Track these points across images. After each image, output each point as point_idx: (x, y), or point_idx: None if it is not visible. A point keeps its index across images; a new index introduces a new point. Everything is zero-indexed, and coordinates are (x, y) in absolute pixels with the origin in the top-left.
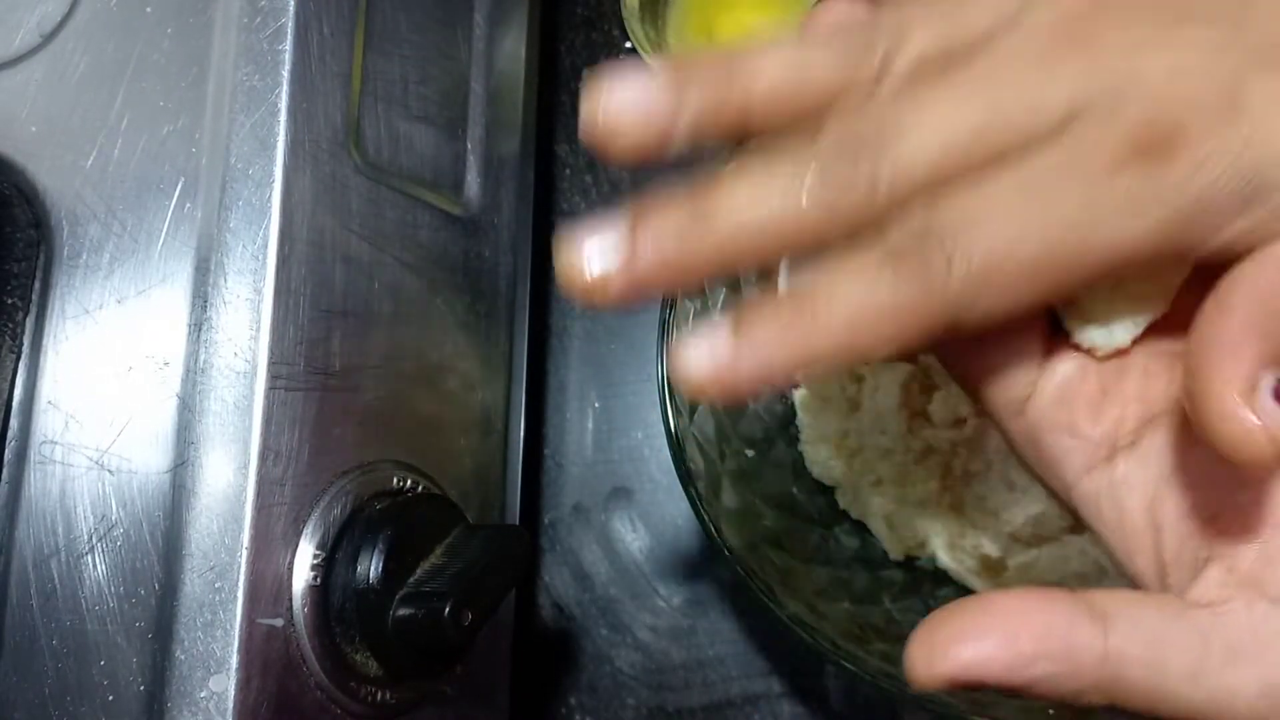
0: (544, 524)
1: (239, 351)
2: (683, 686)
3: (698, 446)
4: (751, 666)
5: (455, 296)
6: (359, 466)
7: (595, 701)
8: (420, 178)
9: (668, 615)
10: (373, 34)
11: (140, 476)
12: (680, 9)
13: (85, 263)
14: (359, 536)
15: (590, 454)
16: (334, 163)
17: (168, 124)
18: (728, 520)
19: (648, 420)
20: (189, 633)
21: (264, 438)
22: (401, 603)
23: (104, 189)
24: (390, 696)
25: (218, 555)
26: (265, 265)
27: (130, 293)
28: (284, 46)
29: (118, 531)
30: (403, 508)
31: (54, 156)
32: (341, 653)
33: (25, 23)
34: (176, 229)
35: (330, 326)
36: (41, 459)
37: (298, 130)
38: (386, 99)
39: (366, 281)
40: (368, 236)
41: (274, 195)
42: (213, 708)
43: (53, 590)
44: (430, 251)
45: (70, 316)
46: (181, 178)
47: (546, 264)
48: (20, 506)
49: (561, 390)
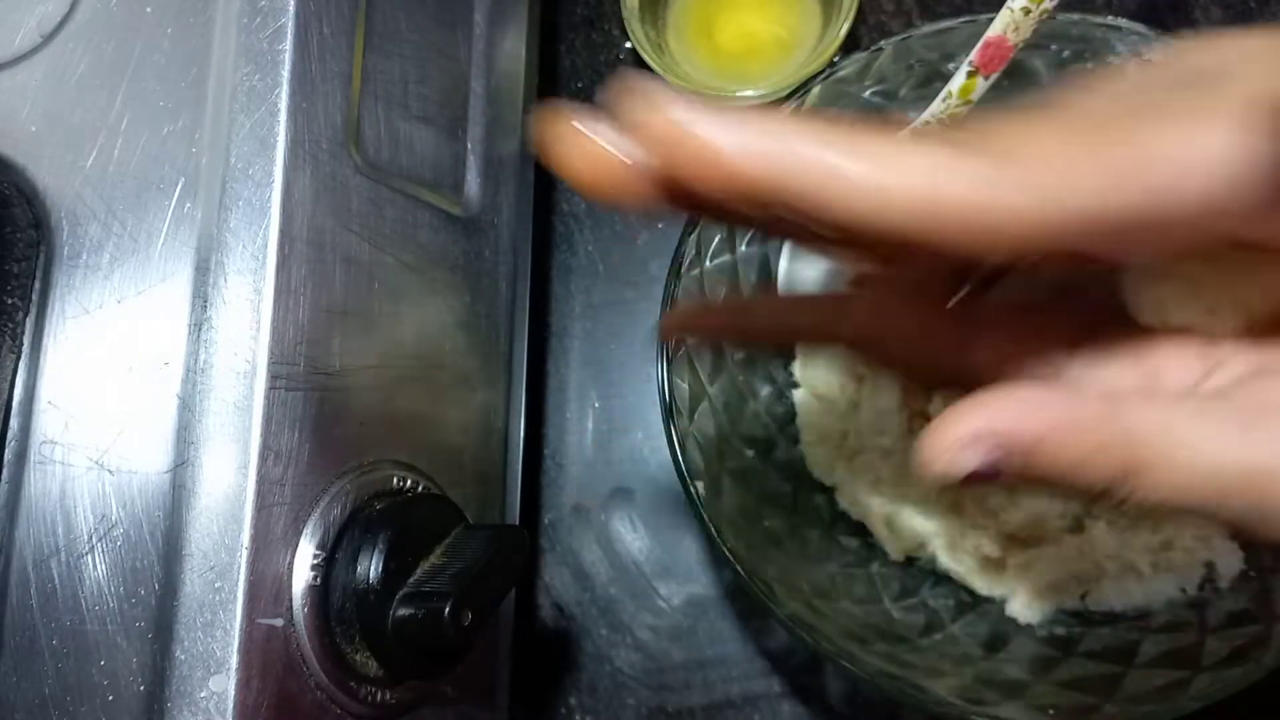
0: (544, 524)
1: (239, 351)
2: (683, 686)
3: (698, 446)
4: (751, 666)
5: (455, 296)
6: (359, 466)
7: (595, 701)
8: (420, 178)
9: (668, 615)
10: (373, 34)
11: (140, 476)
12: (680, 9)
13: (85, 263)
14: (359, 536)
15: (590, 454)
16: (334, 163)
17: (168, 124)
18: (728, 520)
19: (648, 420)
20: (189, 633)
21: (264, 438)
22: (401, 603)
23: (104, 189)
24: (390, 696)
25: (218, 555)
26: (265, 265)
27: (130, 293)
28: (284, 46)
29: (118, 531)
30: (403, 508)
31: (54, 156)
32: (341, 653)
33: (25, 23)
34: (176, 229)
35: (330, 326)
36: (41, 459)
37: (298, 130)
38: (386, 99)
39: (366, 281)
40: (368, 236)
41: (274, 195)
42: (213, 708)
43: (53, 590)
44: (430, 251)
45: (70, 316)
46: (181, 178)
47: (547, 264)
48: (20, 506)
49: (561, 390)
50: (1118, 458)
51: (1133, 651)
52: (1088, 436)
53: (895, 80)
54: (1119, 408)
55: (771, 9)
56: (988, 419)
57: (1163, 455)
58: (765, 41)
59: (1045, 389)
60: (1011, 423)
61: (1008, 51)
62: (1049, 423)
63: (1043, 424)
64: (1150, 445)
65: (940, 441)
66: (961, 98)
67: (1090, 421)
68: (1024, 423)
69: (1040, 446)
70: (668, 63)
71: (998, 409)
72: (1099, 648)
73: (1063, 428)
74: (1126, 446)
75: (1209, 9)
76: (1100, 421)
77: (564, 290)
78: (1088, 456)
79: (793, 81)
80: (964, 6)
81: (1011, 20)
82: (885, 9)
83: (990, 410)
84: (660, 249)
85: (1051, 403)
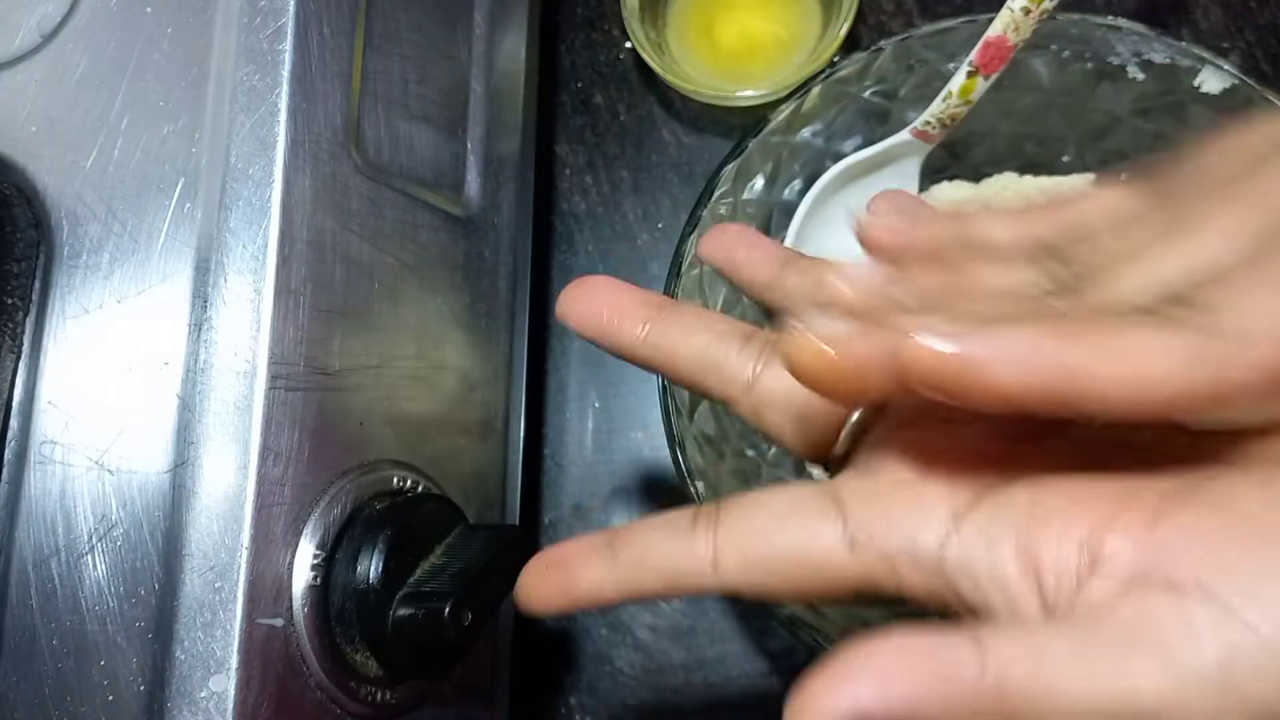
0: (544, 524)
1: (239, 351)
2: (683, 686)
3: (698, 446)
4: (751, 666)
5: (455, 296)
6: (359, 466)
7: (595, 701)
8: (420, 178)
9: (668, 615)
10: (373, 34)
11: (140, 476)
12: (680, 9)
13: (85, 263)
14: (359, 536)
15: (590, 454)
16: (334, 163)
17: (168, 124)
18: None
19: (648, 420)
20: (189, 633)
21: (264, 438)
22: (401, 603)
23: (104, 189)
24: (390, 696)
25: (218, 555)
26: (265, 265)
27: (130, 293)
28: (284, 46)
29: (118, 531)
30: (403, 508)
31: (54, 156)
32: (341, 653)
33: (25, 23)
34: (176, 229)
35: (330, 326)
36: (41, 459)
37: (298, 130)
38: (386, 99)
39: (366, 281)
40: (368, 236)
41: (274, 195)
42: (213, 708)
43: (53, 590)
44: (430, 251)
45: (70, 316)
46: (181, 178)
47: (547, 264)
48: (20, 506)
49: (561, 390)
50: (996, 714)
51: None
52: (960, 701)
53: (895, 80)
54: (987, 656)
55: (771, 9)
56: (851, 697)
57: (1040, 704)
58: (765, 41)
59: (906, 643)
60: (876, 698)
61: (1008, 51)
62: (917, 693)
63: (910, 695)
64: (1026, 696)
65: (804, 713)
66: (961, 98)
67: (960, 683)
68: (890, 697)
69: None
70: (668, 63)
71: (859, 681)
72: None
73: (932, 695)
74: (1001, 702)
75: (1209, 9)
76: (970, 681)
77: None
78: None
79: (793, 81)
80: (964, 6)
81: (1011, 20)
82: (885, 9)
83: (853, 683)
84: (660, 249)
85: (917, 665)
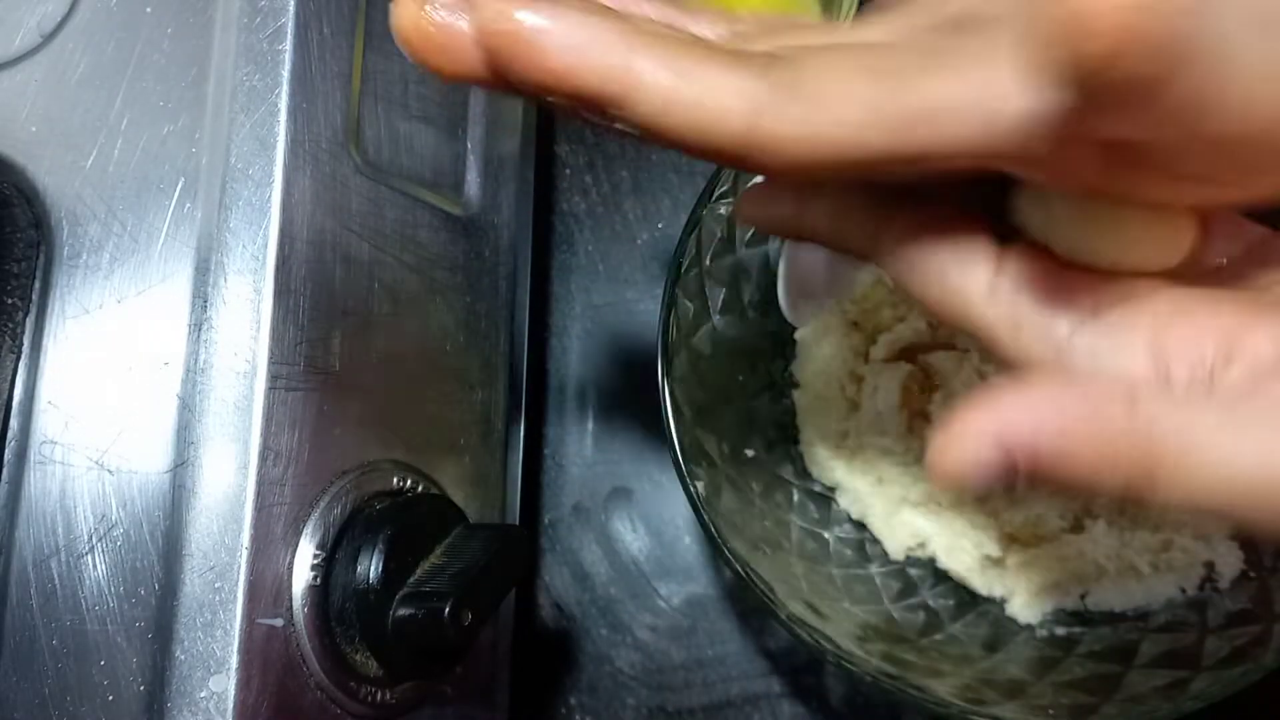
0: (544, 524)
1: (239, 351)
2: (683, 686)
3: (698, 447)
4: (751, 666)
5: (455, 296)
6: (359, 466)
7: (595, 701)
8: (420, 178)
9: (668, 615)
10: (373, 34)
11: (140, 476)
12: None
13: (85, 263)
14: (359, 536)
15: (590, 454)
16: (334, 163)
17: (168, 124)
18: (728, 520)
19: (648, 420)
20: (189, 633)
21: (264, 438)
22: (401, 603)
23: (104, 189)
24: (390, 696)
25: (218, 555)
26: (265, 265)
27: (130, 293)
28: (284, 46)
29: (118, 531)
30: (403, 508)
31: (54, 156)
32: (341, 653)
33: (25, 23)
34: (176, 229)
35: (330, 326)
36: (41, 459)
37: (298, 130)
38: (386, 99)
39: (366, 281)
40: (368, 236)
41: (274, 195)
42: (213, 708)
43: (53, 590)
44: (430, 251)
45: (70, 316)
46: (181, 178)
47: (547, 264)
48: (20, 506)
49: (561, 390)
50: (1138, 462)
51: (1133, 651)
52: (1107, 440)
53: None
54: (1137, 407)
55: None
56: (1000, 423)
57: (1186, 459)
58: None
59: (1059, 384)
60: (1026, 426)
61: None
62: (1066, 426)
63: (1059, 427)
64: (1172, 449)
65: (950, 446)
66: None
67: (1109, 423)
68: (1040, 426)
69: (1057, 452)
70: None
71: (1010, 410)
72: (1099, 648)
73: (1081, 431)
74: (1148, 451)
75: None
76: (1119, 423)
77: (564, 290)
78: (1107, 461)
79: None
80: None
81: None
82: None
83: (1002, 412)
84: (660, 249)
85: (1068, 403)
